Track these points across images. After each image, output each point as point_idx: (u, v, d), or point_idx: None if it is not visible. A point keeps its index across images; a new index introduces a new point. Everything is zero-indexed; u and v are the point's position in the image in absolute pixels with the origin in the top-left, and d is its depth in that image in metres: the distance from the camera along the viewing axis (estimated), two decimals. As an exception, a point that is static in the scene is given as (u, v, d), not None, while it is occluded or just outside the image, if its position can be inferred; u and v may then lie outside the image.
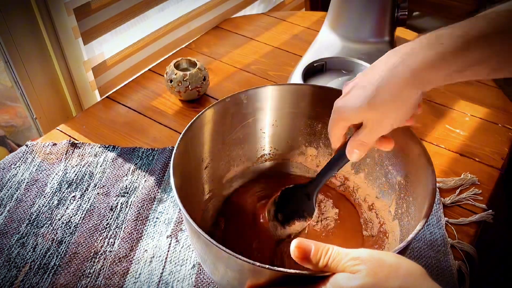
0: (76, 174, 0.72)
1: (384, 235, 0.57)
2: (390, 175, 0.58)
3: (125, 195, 0.69)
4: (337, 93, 0.59)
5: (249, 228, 0.62)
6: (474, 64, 0.40)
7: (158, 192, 0.69)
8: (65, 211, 0.66)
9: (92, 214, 0.66)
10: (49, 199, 0.68)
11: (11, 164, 0.73)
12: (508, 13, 0.40)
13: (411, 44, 0.42)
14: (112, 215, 0.66)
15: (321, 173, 0.54)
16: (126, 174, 0.72)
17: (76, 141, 0.78)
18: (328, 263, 0.37)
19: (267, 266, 0.39)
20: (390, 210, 0.58)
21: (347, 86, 0.47)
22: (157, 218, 0.66)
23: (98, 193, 0.69)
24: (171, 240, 0.63)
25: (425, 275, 0.36)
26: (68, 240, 0.63)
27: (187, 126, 0.54)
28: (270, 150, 0.66)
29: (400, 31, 1.03)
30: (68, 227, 0.64)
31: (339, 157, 0.51)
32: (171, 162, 0.50)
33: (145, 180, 0.71)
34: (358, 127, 0.46)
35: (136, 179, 0.71)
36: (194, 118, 0.56)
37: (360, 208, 0.63)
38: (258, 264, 0.39)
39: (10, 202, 0.68)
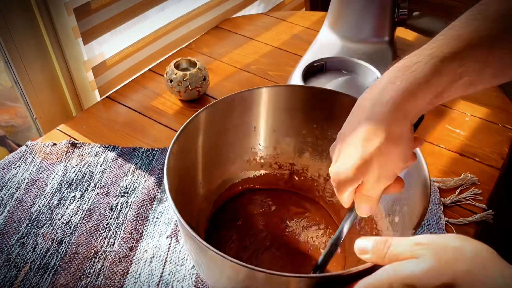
0: (76, 174, 0.72)
1: (377, 235, 0.57)
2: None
3: (125, 195, 0.69)
4: (335, 95, 0.59)
5: (246, 230, 0.62)
6: (449, 85, 0.39)
7: (158, 192, 0.69)
8: (65, 211, 0.66)
9: (92, 214, 0.66)
10: (49, 199, 0.68)
11: (11, 164, 0.73)
12: (476, 23, 0.39)
13: (386, 77, 0.41)
14: (112, 215, 0.66)
15: (336, 236, 0.48)
16: (126, 174, 0.72)
17: (76, 141, 0.78)
18: (387, 253, 0.35)
19: (263, 270, 0.38)
20: (382, 210, 0.57)
21: (334, 150, 0.45)
22: (157, 218, 0.66)
23: (98, 193, 0.69)
24: (171, 240, 0.63)
25: (494, 256, 0.32)
26: (68, 240, 0.63)
27: (182, 127, 0.54)
28: (267, 151, 0.66)
29: (400, 31, 1.03)
30: (68, 227, 0.64)
31: (350, 215, 0.47)
32: (165, 164, 0.49)
33: (145, 180, 0.71)
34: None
35: (136, 179, 0.71)
36: (189, 120, 0.55)
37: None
38: (256, 268, 0.38)
39: (10, 202, 0.68)
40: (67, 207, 0.67)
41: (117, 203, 0.68)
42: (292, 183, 0.68)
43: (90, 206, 0.67)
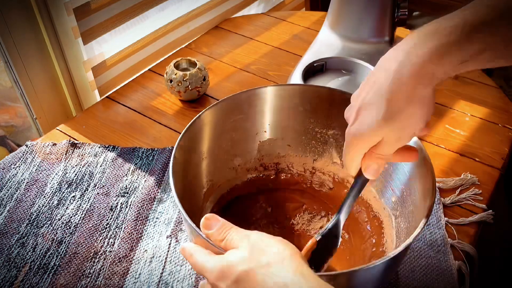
0: (76, 174, 0.72)
1: (381, 234, 0.57)
2: (388, 175, 0.58)
3: (125, 195, 0.69)
4: (338, 94, 0.60)
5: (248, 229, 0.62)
6: (478, 53, 0.39)
7: (158, 192, 0.69)
8: (65, 211, 0.66)
9: (92, 214, 0.66)
10: (49, 199, 0.68)
11: (11, 164, 0.73)
12: None
13: (411, 40, 0.41)
14: (112, 215, 0.66)
15: (343, 204, 0.49)
16: (126, 174, 0.72)
17: (76, 141, 0.78)
18: (226, 238, 0.41)
19: None
20: (388, 210, 0.58)
21: (352, 110, 0.44)
22: (157, 218, 0.66)
23: (98, 193, 0.69)
24: (171, 240, 0.63)
25: (293, 256, 0.38)
26: (68, 240, 0.63)
27: (186, 127, 0.54)
28: (270, 151, 0.66)
29: (400, 31, 1.03)
30: (68, 227, 0.64)
31: (358, 181, 0.48)
32: (171, 163, 0.50)
33: (145, 180, 0.71)
34: None
35: (136, 179, 0.71)
36: (193, 119, 0.55)
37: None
38: None
39: (10, 202, 0.68)
40: (67, 207, 0.67)
41: (117, 203, 0.68)
42: (278, 182, 0.68)
43: (90, 206, 0.67)
